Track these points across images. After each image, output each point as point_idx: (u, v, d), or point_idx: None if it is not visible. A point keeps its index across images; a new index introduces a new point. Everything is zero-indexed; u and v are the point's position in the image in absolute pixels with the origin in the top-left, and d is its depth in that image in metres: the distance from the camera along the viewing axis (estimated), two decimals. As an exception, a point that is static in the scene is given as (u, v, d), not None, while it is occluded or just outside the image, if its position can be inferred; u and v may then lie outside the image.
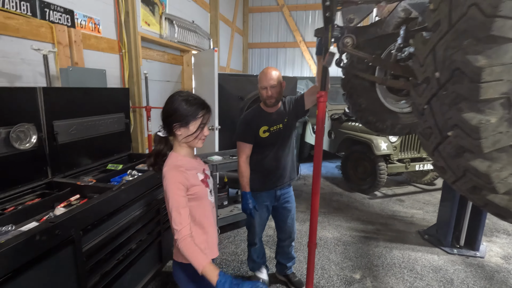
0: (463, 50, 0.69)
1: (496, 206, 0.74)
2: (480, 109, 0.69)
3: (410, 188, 4.87)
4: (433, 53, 0.78)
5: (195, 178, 1.25)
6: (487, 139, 0.68)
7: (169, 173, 1.19)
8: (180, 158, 1.27)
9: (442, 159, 0.82)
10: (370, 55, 1.32)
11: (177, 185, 1.17)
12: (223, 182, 3.47)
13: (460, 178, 0.79)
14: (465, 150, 0.73)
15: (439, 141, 0.81)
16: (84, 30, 2.58)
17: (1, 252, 1.09)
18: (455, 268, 2.68)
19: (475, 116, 0.69)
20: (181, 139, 1.26)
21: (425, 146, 0.91)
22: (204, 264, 1.07)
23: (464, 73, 0.69)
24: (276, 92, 1.89)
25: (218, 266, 2.56)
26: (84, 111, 2.21)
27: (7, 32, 1.93)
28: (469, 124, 0.69)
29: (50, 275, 1.33)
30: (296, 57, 7.74)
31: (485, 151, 0.69)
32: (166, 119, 1.24)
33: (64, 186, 1.88)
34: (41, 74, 2.16)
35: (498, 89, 0.67)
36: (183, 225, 1.12)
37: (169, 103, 1.24)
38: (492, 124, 0.68)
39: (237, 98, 4.08)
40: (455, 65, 0.71)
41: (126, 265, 1.86)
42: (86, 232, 1.53)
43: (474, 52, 0.67)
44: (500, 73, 0.66)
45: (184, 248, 1.10)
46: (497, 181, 0.70)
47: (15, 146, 1.67)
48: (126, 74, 3.10)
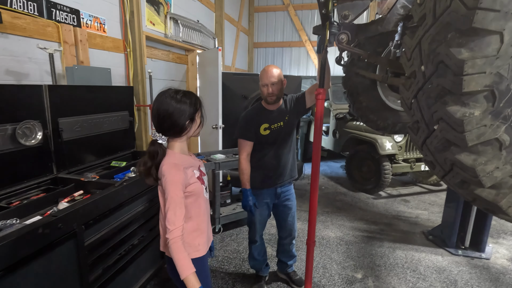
0: (446, 43, 0.69)
1: (484, 200, 0.74)
2: (464, 102, 0.68)
3: (415, 189, 4.81)
4: (419, 46, 0.77)
5: (192, 176, 1.26)
6: (471, 132, 0.67)
7: (169, 172, 1.18)
8: (177, 156, 1.27)
9: (430, 153, 0.82)
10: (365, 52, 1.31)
11: (177, 185, 1.17)
12: (226, 181, 3.49)
13: (448, 172, 0.79)
14: (451, 144, 0.73)
15: (426, 135, 0.80)
16: (89, 30, 2.63)
17: (6, 243, 1.12)
18: (459, 269, 2.64)
19: (459, 109, 0.68)
20: (189, 135, 1.28)
21: (414, 140, 0.91)
22: (188, 274, 1.09)
23: (448, 66, 0.69)
24: (276, 89, 1.90)
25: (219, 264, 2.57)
26: (89, 108, 2.25)
27: (14, 32, 1.98)
28: (453, 118, 0.69)
29: (53, 268, 1.36)
30: (301, 56, 7.71)
31: (470, 144, 0.68)
32: (176, 121, 1.20)
33: (68, 181, 1.92)
34: (47, 73, 2.21)
35: (481, 81, 0.66)
36: (176, 225, 1.13)
37: (168, 106, 1.19)
38: (476, 117, 0.67)
39: (240, 97, 4.09)
40: (439, 58, 0.71)
41: (127, 260, 1.89)
42: (88, 227, 1.56)
43: (457, 45, 0.67)
44: (483, 65, 0.65)
45: (174, 250, 1.11)
46: (482, 174, 0.70)
47: (21, 142, 1.71)
48: (130, 72, 3.14)
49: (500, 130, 0.69)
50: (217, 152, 3.37)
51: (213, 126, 3.82)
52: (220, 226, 3.15)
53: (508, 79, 0.67)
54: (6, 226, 1.33)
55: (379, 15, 1.56)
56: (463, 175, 0.74)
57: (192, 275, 1.10)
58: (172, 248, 1.11)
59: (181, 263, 1.10)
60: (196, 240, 1.28)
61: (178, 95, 1.22)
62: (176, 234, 1.12)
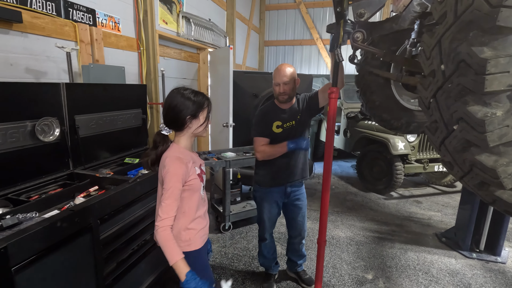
0: (468, 42, 0.67)
1: (505, 202, 0.72)
2: (485, 102, 0.66)
3: (428, 190, 4.72)
4: (439, 45, 0.76)
5: (193, 171, 1.31)
6: (492, 132, 0.66)
7: (172, 164, 1.23)
8: (181, 150, 1.32)
9: (448, 153, 0.80)
10: (380, 50, 1.29)
11: (178, 177, 1.22)
12: (236, 179, 3.51)
13: (467, 173, 0.77)
14: (471, 144, 0.71)
15: (445, 135, 0.79)
16: (104, 29, 2.68)
17: (26, 236, 1.17)
18: (473, 272, 2.59)
19: (481, 109, 0.67)
20: (191, 132, 1.32)
21: (432, 140, 0.89)
22: (177, 259, 1.14)
23: (469, 65, 0.67)
24: (289, 88, 1.90)
25: (229, 261, 2.59)
26: (104, 106, 2.30)
27: (34, 31, 2.04)
28: (474, 118, 0.67)
29: (70, 260, 1.40)
30: (312, 54, 7.65)
31: (491, 145, 0.67)
32: (177, 115, 1.27)
33: (84, 177, 1.97)
34: (65, 71, 2.27)
35: (504, 81, 0.64)
36: (169, 215, 1.18)
37: (175, 100, 1.27)
38: (498, 117, 0.65)
39: (251, 96, 4.10)
40: (460, 57, 0.69)
41: (140, 255, 1.93)
42: (104, 221, 1.60)
43: (480, 43, 0.65)
44: (506, 64, 0.63)
45: (162, 237, 1.15)
46: (504, 176, 0.68)
47: (40, 139, 1.76)
48: (144, 71, 3.19)
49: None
50: (228, 150, 3.39)
51: (223, 124, 3.85)
52: (230, 223, 3.17)
53: None
54: (26, 219, 1.38)
55: (394, 12, 1.53)
56: (483, 176, 0.72)
57: (181, 261, 1.14)
58: (161, 235, 1.15)
59: (169, 250, 1.14)
60: (187, 235, 1.31)
61: (186, 92, 1.29)
62: (167, 223, 1.17)
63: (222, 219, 3.17)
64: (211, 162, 2.97)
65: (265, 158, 1.97)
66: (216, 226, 3.29)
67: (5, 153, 1.60)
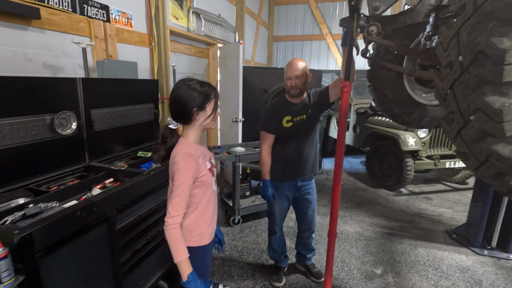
0: (487, 33, 0.67)
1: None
2: (503, 92, 0.67)
3: (439, 187, 4.67)
4: (457, 37, 0.76)
5: (204, 166, 1.28)
6: (510, 122, 0.66)
7: (183, 161, 1.21)
8: (191, 145, 1.29)
9: (464, 144, 0.80)
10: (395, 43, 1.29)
11: (188, 174, 1.20)
12: (245, 173, 3.55)
13: (483, 163, 0.78)
14: (488, 134, 0.72)
15: (461, 126, 0.79)
16: (118, 25, 2.73)
17: (49, 223, 1.22)
18: (484, 269, 2.57)
19: (498, 99, 0.67)
20: (199, 124, 1.29)
21: (447, 132, 0.89)
22: (182, 259, 1.14)
23: (488, 55, 0.68)
24: (300, 82, 1.90)
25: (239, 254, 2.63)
26: (118, 101, 2.36)
27: (51, 27, 2.09)
28: (491, 108, 0.68)
29: (89, 248, 1.46)
30: (321, 50, 7.58)
31: (508, 135, 0.67)
32: (182, 107, 1.23)
33: (99, 170, 2.03)
34: (80, 66, 2.33)
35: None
36: (179, 212, 1.18)
37: (180, 92, 1.23)
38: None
39: (260, 91, 4.11)
40: (479, 48, 0.69)
41: (154, 245, 1.98)
42: (119, 212, 1.65)
43: (499, 34, 0.65)
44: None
45: (171, 235, 1.16)
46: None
47: (58, 132, 1.82)
48: (155, 66, 3.24)
49: None
50: (237, 145, 3.42)
51: (233, 119, 3.88)
52: (239, 217, 3.22)
53: None
54: (48, 208, 1.44)
55: (408, 5, 1.52)
56: (499, 166, 0.73)
57: (185, 261, 1.14)
58: (170, 232, 1.16)
59: (176, 248, 1.15)
60: (198, 230, 1.31)
61: (192, 83, 1.25)
62: (177, 220, 1.17)
63: (231, 213, 3.22)
64: (221, 157, 3.00)
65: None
66: (225, 220, 3.34)
67: (26, 145, 1.67)
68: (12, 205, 1.49)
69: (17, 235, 1.11)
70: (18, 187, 1.63)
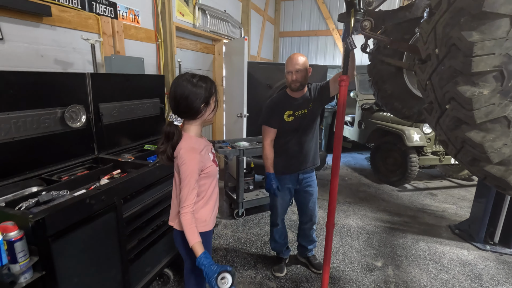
0: (459, 27, 0.71)
1: (494, 177, 0.76)
2: (474, 82, 0.71)
3: (444, 183, 4.65)
4: (434, 31, 0.80)
5: (207, 158, 1.35)
6: (479, 110, 0.70)
7: (188, 156, 1.26)
8: (194, 139, 1.33)
9: (443, 132, 0.84)
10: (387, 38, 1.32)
11: (195, 168, 1.26)
12: (249, 168, 3.61)
13: (459, 150, 0.81)
14: (462, 122, 0.76)
15: (439, 114, 0.83)
16: (125, 21, 2.80)
17: (61, 209, 1.30)
18: (485, 264, 2.58)
19: (469, 89, 0.71)
20: (203, 119, 1.34)
21: (429, 121, 0.93)
22: (195, 241, 1.24)
23: (459, 48, 0.71)
24: (301, 76, 1.94)
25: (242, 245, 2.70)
26: (125, 95, 2.43)
27: (61, 24, 2.17)
28: (463, 97, 0.72)
29: (98, 234, 1.54)
30: (328, 45, 7.55)
31: (478, 122, 0.71)
32: (191, 104, 1.26)
33: (107, 161, 2.11)
34: (89, 62, 2.41)
35: (490, 62, 0.68)
36: (189, 202, 1.27)
37: (184, 89, 1.25)
38: (484, 96, 0.70)
39: (265, 86, 4.14)
40: (452, 41, 0.73)
41: (159, 234, 2.06)
42: (126, 201, 1.73)
43: (469, 28, 0.69)
44: (492, 47, 0.67)
45: (184, 221, 1.26)
46: (490, 150, 0.72)
47: (69, 124, 1.91)
48: (161, 62, 3.30)
49: (509, 108, 0.71)
50: (242, 139, 3.48)
51: (238, 114, 3.93)
52: (243, 210, 3.28)
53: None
54: (59, 196, 1.52)
55: (407, 1, 1.54)
56: (473, 152, 0.76)
57: (198, 243, 1.25)
58: (184, 219, 1.26)
59: (190, 232, 1.25)
60: (204, 217, 1.40)
61: (195, 79, 1.28)
62: (188, 209, 1.26)
63: (235, 205, 3.29)
64: (225, 151, 3.06)
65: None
66: (229, 213, 3.42)
67: (39, 137, 1.76)
68: (26, 193, 1.58)
69: (32, 220, 1.19)
70: (32, 176, 1.72)
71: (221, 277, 1.16)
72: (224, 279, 1.16)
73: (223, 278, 1.16)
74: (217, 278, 1.16)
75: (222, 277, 1.16)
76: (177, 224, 1.40)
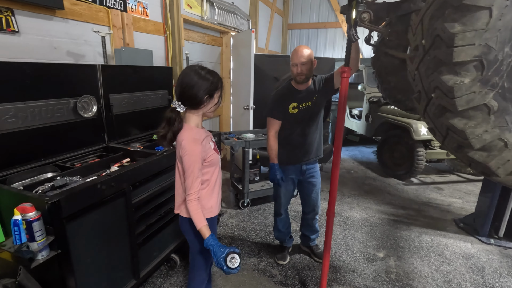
0: (443, 19, 0.74)
1: (477, 162, 0.79)
2: (456, 72, 0.73)
3: (451, 177, 4.61)
4: (422, 22, 0.82)
5: (209, 147, 1.40)
6: (461, 98, 0.73)
7: (190, 147, 1.31)
8: (195, 130, 1.37)
9: (430, 120, 0.87)
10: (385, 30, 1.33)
11: (197, 158, 1.31)
12: (255, 159, 3.66)
13: (445, 137, 0.84)
14: (446, 110, 0.79)
15: (426, 103, 0.86)
16: (134, 14, 2.85)
17: (74, 193, 1.39)
18: (489, 257, 2.59)
19: (452, 78, 0.74)
20: (204, 111, 1.38)
21: (418, 110, 0.96)
22: (202, 225, 1.31)
23: (442, 39, 0.74)
24: (306, 69, 1.96)
25: (246, 234, 2.77)
26: (134, 87, 2.51)
27: (73, 17, 2.25)
28: (446, 85, 0.75)
29: (108, 219, 1.63)
30: (337, 37, 7.46)
31: (460, 109, 0.74)
32: (195, 94, 1.30)
33: (117, 150, 2.20)
34: (100, 54, 2.48)
35: (470, 52, 0.71)
36: (194, 190, 1.33)
37: (192, 78, 1.29)
38: (465, 84, 0.72)
39: (272, 79, 4.16)
40: (436, 32, 0.76)
41: (166, 221, 2.15)
42: (135, 188, 1.81)
43: (452, 20, 0.72)
44: (472, 38, 0.70)
45: (191, 207, 1.32)
46: (472, 136, 0.75)
47: (81, 114, 1.99)
48: (169, 54, 3.36)
49: (489, 96, 0.74)
50: (248, 131, 3.53)
51: (244, 107, 3.97)
52: (248, 200, 3.35)
53: (496, 50, 0.71)
54: (73, 181, 1.61)
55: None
56: (457, 138, 0.80)
57: (205, 226, 1.31)
58: (190, 205, 1.32)
59: (196, 217, 1.32)
60: (210, 203, 1.46)
61: (203, 71, 1.33)
62: (194, 196, 1.33)
63: (241, 196, 3.36)
64: (231, 142, 3.12)
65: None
66: (235, 203, 3.50)
67: (53, 126, 1.85)
68: (42, 178, 1.68)
69: (48, 202, 1.28)
70: (47, 163, 1.82)
71: (231, 257, 1.23)
72: (234, 258, 1.23)
73: (233, 257, 1.23)
74: (226, 257, 1.22)
75: (232, 257, 1.23)
76: (184, 211, 1.45)
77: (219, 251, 1.25)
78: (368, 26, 1.29)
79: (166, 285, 2.14)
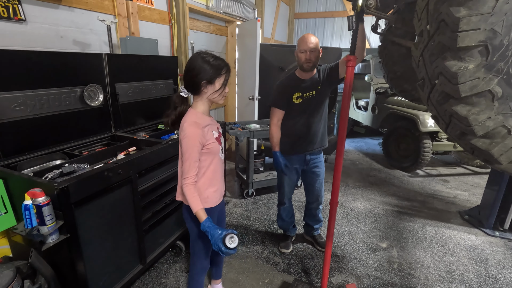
0: (448, 3, 0.72)
1: (480, 150, 0.78)
2: (460, 57, 0.72)
3: (458, 170, 4.57)
4: (427, 7, 0.80)
5: (210, 135, 1.39)
6: (464, 84, 0.72)
7: (189, 129, 1.31)
8: (198, 115, 1.38)
9: (433, 107, 0.86)
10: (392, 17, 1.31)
11: (195, 141, 1.31)
12: (260, 149, 3.67)
13: (448, 124, 0.84)
14: (449, 97, 0.78)
15: (429, 90, 0.85)
16: (139, 3, 2.84)
17: (82, 179, 1.42)
18: (492, 249, 2.58)
19: (455, 64, 0.72)
20: (206, 97, 1.37)
21: (422, 97, 0.95)
22: (198, 209, 1.32)
23: (447, 23, 0.72)
24: (314, 56, 1.95)
25: (250, 223, 2.81)
26: (140, 76, 2.52)
27: (79, 6, 2.25)
28: (449, 71, 0.73)
29: (115, 205, 1.67)
30: (344, 27, 7.33)
31: (463, 95, 0.73)
32: (192, 78, 1.32)
33: (123, 139, 2.23)
34: (105, 43, 2.49)
35: (475, 37, 0.69)
36: (191, 174, 1.34)
37: (194, 63, 1.31)
38: (469, 70, 0.71)
39: (277, 69, 4.12)
40: (441, 17, 0.74)
41: (172, 209, 2.19)
42: (141, 176, 1.85)
43: (458, 4, 0.70)
44: (478, 22, 0.68)
45: (186, 192, 1.34)
46: (475, 123, 0.74)
47: (88, 103, 2.02)
48: (175, 43, 3.35)
49: (493, 82, 0.72)
50: (252, 122, 3.53)
51: (249, 97, 3.96)
52: (252, 190, 3.38)
53: (502, 34, 0.70)
54: (80, 168, 1.65)
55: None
56: (460, 125, 0.79)
57: (200, 210, 1.32)
58: (186, 190, 1.34)
59: (192, 201, 1.33)
60: (206, 193, 1.45)
61: (207, 57, 1.32)
62: (190, 180, 1.34)
63: (245, 186, 3.39)
64: (236, 132, 3.13)
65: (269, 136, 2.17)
66: (240, 192, 3.53)
67: (60, 114, 1.88)
68: (51, 165, 1.72)
69: (57, 187, 1.31)
70: (55, 150, 1.86)
71: (230, 236, 1.25)
72: (233, 238, 1.26)
73: (232, 237, 1.25)
74: (224, 238, 1.24)
75: (231, 237, 1.25)
76: (184, 199, 1.46)
77: (216, 232, 1.26)
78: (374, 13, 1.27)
79: (171, 271, 2.20)
